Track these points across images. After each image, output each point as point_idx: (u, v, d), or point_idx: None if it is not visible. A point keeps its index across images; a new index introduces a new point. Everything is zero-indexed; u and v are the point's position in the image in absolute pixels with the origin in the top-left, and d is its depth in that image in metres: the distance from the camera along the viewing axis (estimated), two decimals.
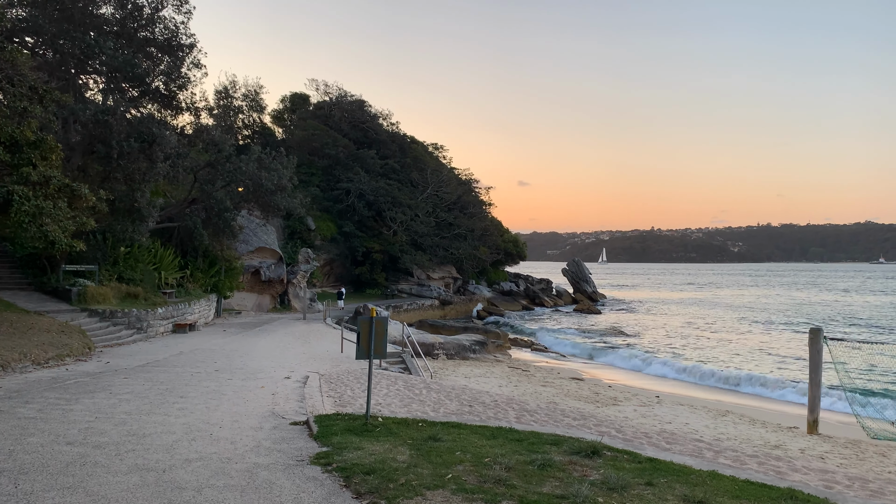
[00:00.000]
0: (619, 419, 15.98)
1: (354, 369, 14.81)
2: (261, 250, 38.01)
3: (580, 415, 10.10)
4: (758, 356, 30.60)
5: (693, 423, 16.37)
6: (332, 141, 53.74)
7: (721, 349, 33.13)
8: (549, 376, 24.43)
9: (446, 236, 54.78)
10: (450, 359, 27.01)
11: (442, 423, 7.46)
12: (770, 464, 6.99)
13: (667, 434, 8.87)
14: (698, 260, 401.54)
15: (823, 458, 13.17)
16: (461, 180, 64.72)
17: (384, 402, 10.16)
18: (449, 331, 35.06)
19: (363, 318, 7.52)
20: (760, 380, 24.83)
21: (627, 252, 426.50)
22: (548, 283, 72.12)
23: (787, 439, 15.08)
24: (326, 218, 49.38)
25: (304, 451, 6.63)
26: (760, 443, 14.31)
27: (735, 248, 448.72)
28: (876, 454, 13.93)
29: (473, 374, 23.09)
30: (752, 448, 12.74)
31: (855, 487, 6.17)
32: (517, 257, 71.73)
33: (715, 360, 29.45)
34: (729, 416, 18.42)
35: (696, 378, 25.81)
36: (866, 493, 5.94)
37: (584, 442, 6.43)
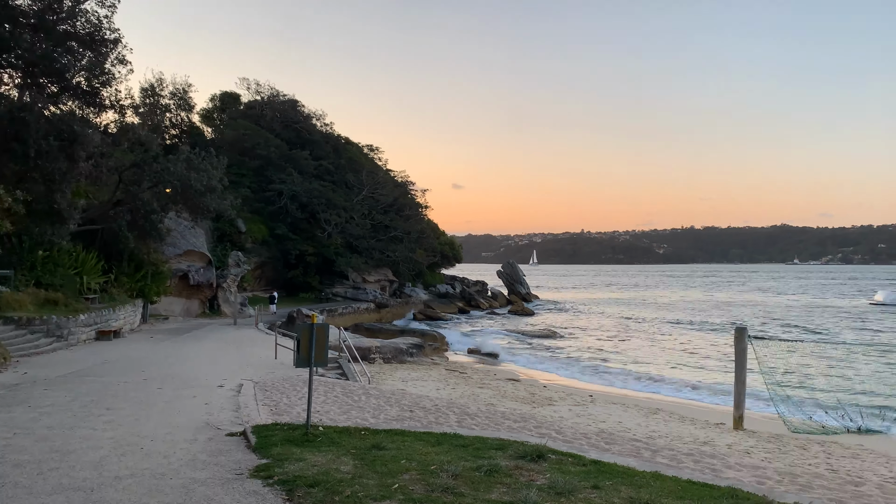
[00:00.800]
0: (556, 420, 16.21)
1: (290, 376, 14.48)
2: (189, 253, 36.79)
3: (520, 417, 10.17)
4: (682, 355, 31.67)
5: (626, 421, 16.76)
6: (264, 141, 52.62)
7: (649, 348, 34.14)
8: (485, 378, 24.58)
9: (382, 239, 54.47)
10: (387, 363, 26.82)
11: (385, 431, 7.34)
12: (705, 461, 7.20)
13: (605, 434, 9.03)
14: (626, 261, 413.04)
15: (749, 452, 13.73)
16: (397, 182, 64.52)
17: (322, 409, 9.95)
18: (386, 334, 34.87)
19: (303, 325, 7.32)
20: (686, 383, 25.66)
21: (559, 254, 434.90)
22: (483, 286, 72.73)
23: (715, 435, 15.64)
24: (258, 220, 48.26)
25: (243, 463, 6.39)
26: (691, 439, 14.78)
27: (661, 250, 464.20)
28: (797, 447, 14.61)
29: (411, 377, 23.00)
30: (685, 446, 13.14)
31: (785, 482, 6.42)
32: (453, 260, 72.05)
33: (643, 360, 30.31)
34: (659, 413, 18.96)
35: (625, 378, 26.47)
36: (796, 488, 6.19)
37: (528, 446, 6.46)
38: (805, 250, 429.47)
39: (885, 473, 12.28)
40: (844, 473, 11.93)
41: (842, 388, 22.19)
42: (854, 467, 12.69)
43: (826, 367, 25.33)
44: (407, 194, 64.34)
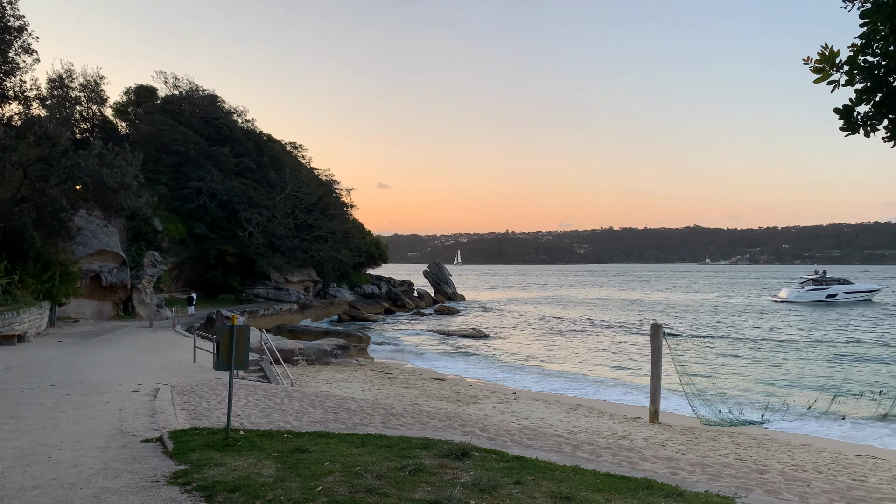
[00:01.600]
0: (481, 417, 16.40)
1: (209, 379, 14.05)
2: (101, 253, 35.12)
3: (445, 416, 10.23)
4: (602, 353, 32.64)
5: (548, 417, 17.15)
6: (182, 137, 50.81)
7: (570, 347, 35.02)
8: (411, 378, 24.59)
9: (306, 238, 53.59)
10: (311, 364, 26.43)
11: (308, 434, 7.22)
12: (623, 455, 7.45)
13: (528, 431, 9.21)
14: (548, 261, 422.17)
15: (664, 445, 14.31)
16: (321, 181, 63.63)
17: (244, 413, 9.70)
18: (309, 336, 34.34)
19: (223, 327, 7.12)
20: (605, 379, 26.45)
21: (484, 254, 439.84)
22: (409, 286, 72.71)
23: (632, 429, 16.21)
24: (175, 219, 46.57)
25: (160, 470, 6.15)
26: (609, 433, 15.27)
27: (581, 250, 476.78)
28: (708, 439, 15.34)
29: (336, 379, 22.75)
30: (604, 440, 13.56)
31: (697, 472, 6.73)
32: (379, 259, 71.65)
33: (565, 358, 31.07)
34: (580, 409, 19.49)
35: (547, 375, 27.05)
36: (707, 477, 6.50)
37: (453, 444, 6.51)
38: (716, 251, 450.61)
39: (787, 461, 13.06)
40: (751, 462, 12.62)
41: (748, 380, 23.39)
42: (760, 456, 13.44)
43: (734, 361, 26.65)
44: (332, 193, 63.56)
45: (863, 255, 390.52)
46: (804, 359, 28.21)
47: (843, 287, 71.99)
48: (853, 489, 6.77)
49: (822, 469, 12.23)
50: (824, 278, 73.77)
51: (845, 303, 68.92)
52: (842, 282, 73.79)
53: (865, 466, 12.74)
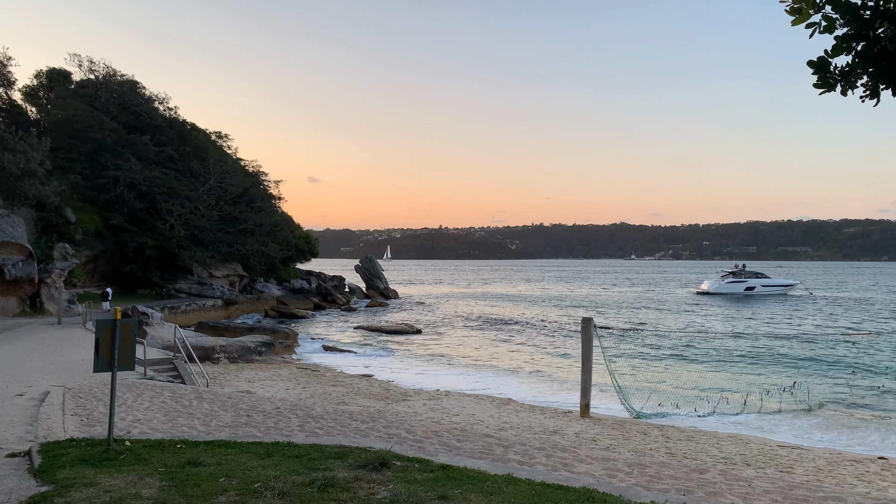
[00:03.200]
0: (410, 415, 15.75)
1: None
2: (5, 245, 32.53)
3: (369, 416, 9.49)
4: (533, 347, 32.52)
5: (479, 413, 16.66)
6: (98, 123, 47.89)
7: (502, 341, 34.78)
8: (339, 375, 23.71)
9: (231, 231, 51.54)
10: (233, 362, 25.16)
11: (206, 443, 6.34)
12: (557, 456, 6.93)
13: (457, 431, 8.59)
14: (481, 256, 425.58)
15: (596, 440, 14.03)
16: (248, 172, 61.42)
17: (145, 417, 8.70)
18: (233, 332, 32.84)
19: (103, 322, 6.16)
20: (536, 372, 26.25)
21: (417, 249, 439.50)
22: (340, 281, 71.29)
23: (563, 424, 15.90)
24: (90, 209, 43.84)
25: (16, 493, 5.17)
26: (541, 429, 14.89)
27: (513, 246, 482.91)
28: (638, 433, 15.17)
29: (258, 377, 21.65)
30: (536, 437, 13.13)
31: (635, 474, 6.26)
32: (309, 254, 69.92)
33: (497, 352, 30.78)
34: (511, 404, 19.10)
35: (479, 370, 26.64)
36: (646, 479, 6.04)
37: (371, 452, 5.80)
38: (641, 247, 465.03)
39: (716, 454, 12.96)
40: (682, 456, 12.45)
41: (676, 373, 23.58)
42: (690, 449, 13.30)
43: (662, 353, 26.92)
44: (259, 185, 61.45)
45: (777, 251, 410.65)
46: (727, 351, 28.78)
47: (761, 281, 74.93)
48: (795, 488, 6.45)
49: (751, 461, 12.17)
50: (743, 272, 76.61)
51: (762, 296, 71.72)
52: (760, 276, 76.83)
53: (791, 458, 12.76)
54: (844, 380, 22.70)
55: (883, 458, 13.20)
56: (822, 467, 11.80)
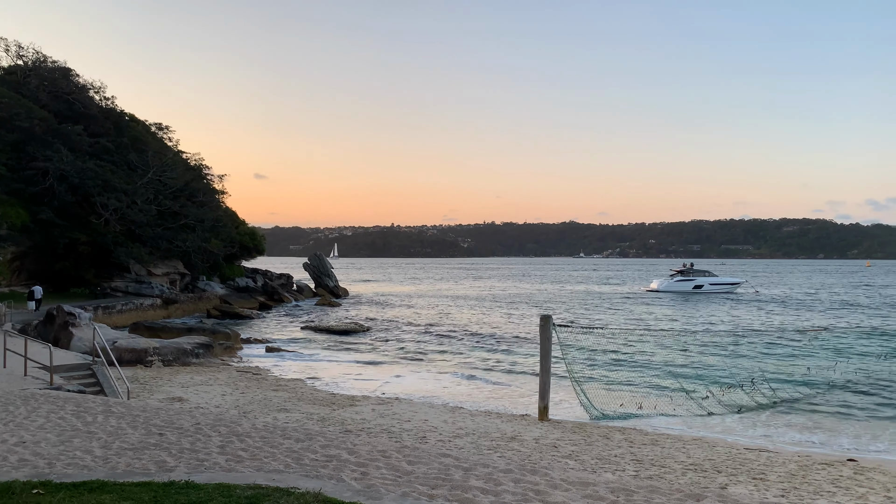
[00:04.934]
0: (357, 422, 14.58)
1: (10, 391, 11.27)
2: None
3: (306, 433, 8.28)
4: (487, 346, 31.65)
5: (432, 419, 15.61)
6: (26, 112, 44.87)
7: (456, 340, 33.80)
8: (282, 379, 22.34)
9: (171, 227, 49.11)
10: (167, 366, 23.49)
11: (73, 486, 4.94)
12: (527, 481, 5.90)
13: (408, 449, 7.48)
14: (433, 255, 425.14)
15: (557, 446, 13.16)
16: (190, 165, 58.85)
17: (32, 440, 7.32)
18: (170, 333, 30.98)
19: None
20: (492, 372, 25.39)
21: (369, 247, 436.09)
22: (288, 279, 69.27)
23: (521, 429, 15.00)
24: (16, 203, 40.98)
25: None
26: (498, 435, 13.95)
27: (465, 244, 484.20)
28: (600, 437, 14.37)
29: (193, 382, 20.11)
30: (495, 447, 12.16)
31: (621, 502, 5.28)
32: (255, 251, 67.63)
33: (451, 351, 29.77)
34: (466, 407, 18.14)
35: (432, 370, 25.63)
36: None
37: (293, 497, 4.61)
38: (590, 245, 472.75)
39: (684, 459, 12.22)
40: (650, 464, 11.66)
41: (636, 372, 23.00)
42: (656, 455, 12.54)
43: (621, 353, 26.36)
44: (201, 178, 58.92)
45: (720, 249, 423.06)
46: (683, 350, 28.46)
47: (709, 279, 76.09)
48: None
49: (721, 468, 11.45)
50: (692, 270, 77.65)
51: (710, 294, 72.74)
52: (707, 274, 78.05)
53: (760, 462, 12.11)
54: (801, 376, 22.47)
55: (853, 461, 12.68)
56: (795, 472, 11.15)
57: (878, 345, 28.72)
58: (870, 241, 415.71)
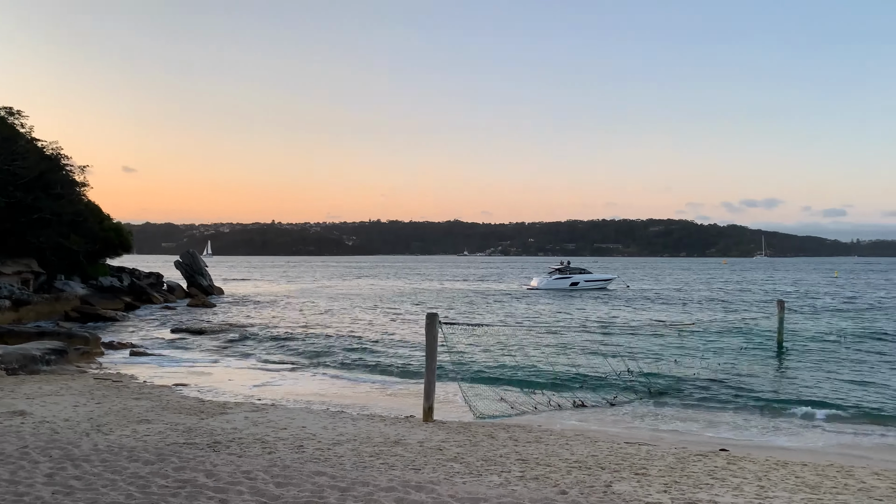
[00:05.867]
0: (227, 433, 13.44)
1: None
2: None
3: (158, 454, 7.27)
4: (371, 343, 30.92)
5: (310, 425, 14.72)
6: None
7: (339, 339, 32.78)
8: (146, 385, 20.53)
9: (22, 221, 44.52)
10: (12, 374, 20.98)
11: None
12: (411, 500, 5.31)
13: (278, 466, 6.68)
14: (317, 253, 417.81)
15: (442, 448, 12.72)
16: (45, 154, 53.71)
17: None
18: (18, 338, 27.87)
19: None
20: (375, 371, 24.77)
21: (248, 245, 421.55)
22: (158, 278, 65.00)
23: (405, 431, 14.46)
24: None
25: None
26: (381, 439, 13.32)
27: (350, 242, 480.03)
28: (486, 436, 14.10)
29: (41, 392, 17.99)
30: (377, 454, 11.50)
31: None
32: (121, 249, 62.90)
33: (331, 351, 28.77)
34: (348, 410, 17.39)
35: (314, 372, 24.63)
36: None
37: None
38: (473, 243, 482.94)
39: (568, 457, 12.13)
40: (535, 464, 11.45)
41: (517, 367, 23.09)
42: (541, 453, 12.39)
43: (505, 349, 26.46)
44: (59, 169, 53.89)
45: (593, 247, 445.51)
46: (563, 345, 29.05)
47: (584, 276, 79.29)
48: None
49: (605, 464, 11.44)
50: (568, 268, 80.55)
51: (585, 290, 75.78)
52: (583, 271, 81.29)
53: (641, 456, 12.25)
54: (670, 369, 23.44)
55: (725, 450, 13.12)
56: (674, 465, 11.32)
57: (740, 338, 30.66)
58: (726, 241, 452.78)
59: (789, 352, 27.52)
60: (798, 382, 21.41)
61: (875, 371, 23.28)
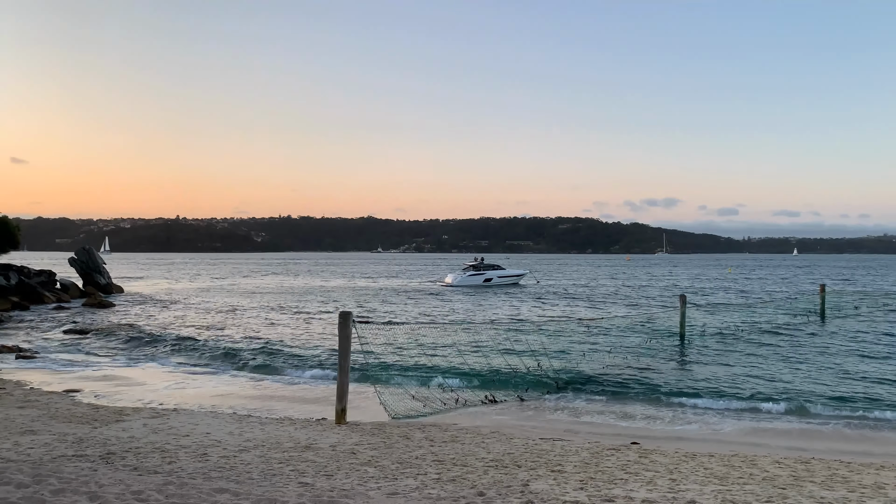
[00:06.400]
0: (122, 442, 12.49)
1: None
2: None
3: (34, 476, 6.50)
4: (282, 344, 29.95)
5: (215, 431, 13.92)
6: None
7: (245, 339, 31.57)
8: (34, 392, 18.97)
9: None
10: None
11: None
12: None
13: (174, 484, 6.10)
14: (224, 249, 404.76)
15: (356, 452, 12.30)
16: None
17: None
18: None
19: None
20: (285, 372, 24.01)
21: (151, 241, 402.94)
22: (50, 276, 60.74)
23: (316, 435, 13.92)
24: None
25: None
26: (291, 444, 12.74)
27: (259, 238, 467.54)
28: (401, 437, 13.77)
29: None
30: (285, 457, 10.95)
31: None
32: (8, 245, 58.49)
33: (238, 350, 27.63)
34: (256, 413, 16.65)
35: (220, 375, 23.57)
36: None
37: None
38: (387, 240, 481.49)
39: (485, 456, 11.98)
40: (451, 464, 11.22)
41: (435, 365, 22.88)
42: (457, 453, 12.19)
43: (420, 347, 26.20)
44: None
45: (505, 244, 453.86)
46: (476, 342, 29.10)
47: (497, 272, 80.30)
48: None
49: (521, 462, 11.36)
50: (482, 264, 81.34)
51: (499, 286, 76.79)
52: (496, 267, 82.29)
53: (556, 452, 12.28)
54: (579, 363, 23.89)
55: (636, 443, 13.37)
56: (589, 461, 11.39)
57: (645, 332, 31.69)
58: (629, 238, 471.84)
59: (691, 344, 28.68)
60: (699, 374, 22.29)
61: (768, 362, 24.57)
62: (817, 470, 10.51)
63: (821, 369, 23.02)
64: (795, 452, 12.78)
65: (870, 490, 9.13)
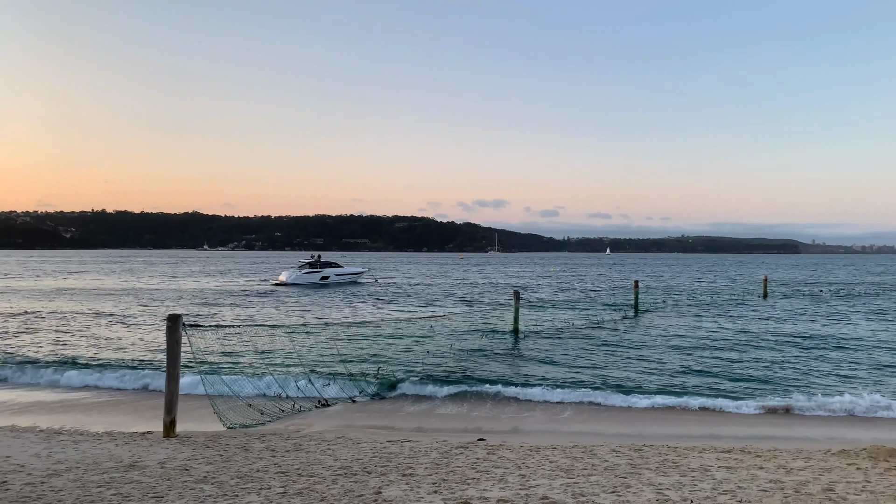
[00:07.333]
0: None
1: None
2: None
3: None
4: (102, 350, 27.11)
5: (18, 453, 12.09)
6: None
7: (60, 346, 28.19)
8: None
9: None
10: None
11: None
12: None
13: None
14: (26, 246, 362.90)
15: (189, 468, 11.22)
16: None
17: None
18: None
19: None
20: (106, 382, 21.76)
21: None
22: None
23: (142, 451, 12.56)
24: None
25: None
26: (112, 465, 11.36)
27: (68, 234, 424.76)
28: (239, 449, 12.82)
29: None
30: (112, 492, 9.68)
31: None
32: None
33: (46, 362, 24.57)
34: (68, 428, 14.77)
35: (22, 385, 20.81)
36: None
37: None
38: (214, 237, 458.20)
39: (332, 464, 11.46)
40: (297, 475, 10.57)
41: (271, 370, 21.79)
42: (302, 462, 11.54)
43: (256, 350, 24.90)
44: None
45: (341, 242, 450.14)
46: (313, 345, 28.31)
47: (335, 270, 79.02)
48: None
49: (370, 468, 10.99)
50: (319, 262, 79.65)
51: (336, 284, 75.66)
52: (333, 265, 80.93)
53: (405, 454, 12.08)
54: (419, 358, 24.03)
55: (482, 440, 13.50)
56: (439, 461, 11.28)
57: (481, 327, 32.59)
58: (462, 237, 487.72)
59: (525, 338, 29.93)
60: (534, 366, 23.26)
61: (594, 353, 26.25)
62: (650, 456, 11.18)
63: (629, 359, 25.00)
64: (628, 440, 13.58)
65: (698, 473, 9.84)
